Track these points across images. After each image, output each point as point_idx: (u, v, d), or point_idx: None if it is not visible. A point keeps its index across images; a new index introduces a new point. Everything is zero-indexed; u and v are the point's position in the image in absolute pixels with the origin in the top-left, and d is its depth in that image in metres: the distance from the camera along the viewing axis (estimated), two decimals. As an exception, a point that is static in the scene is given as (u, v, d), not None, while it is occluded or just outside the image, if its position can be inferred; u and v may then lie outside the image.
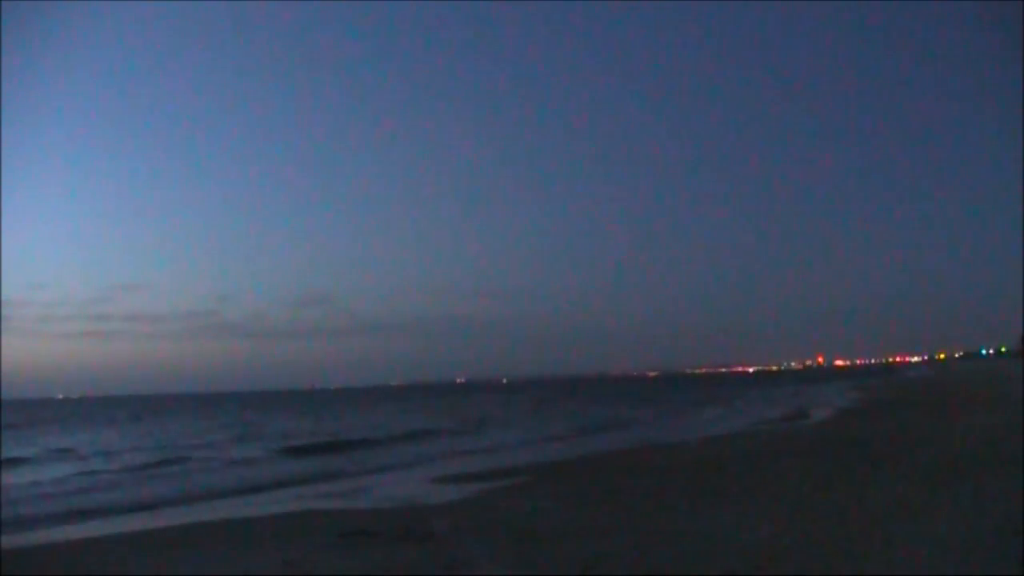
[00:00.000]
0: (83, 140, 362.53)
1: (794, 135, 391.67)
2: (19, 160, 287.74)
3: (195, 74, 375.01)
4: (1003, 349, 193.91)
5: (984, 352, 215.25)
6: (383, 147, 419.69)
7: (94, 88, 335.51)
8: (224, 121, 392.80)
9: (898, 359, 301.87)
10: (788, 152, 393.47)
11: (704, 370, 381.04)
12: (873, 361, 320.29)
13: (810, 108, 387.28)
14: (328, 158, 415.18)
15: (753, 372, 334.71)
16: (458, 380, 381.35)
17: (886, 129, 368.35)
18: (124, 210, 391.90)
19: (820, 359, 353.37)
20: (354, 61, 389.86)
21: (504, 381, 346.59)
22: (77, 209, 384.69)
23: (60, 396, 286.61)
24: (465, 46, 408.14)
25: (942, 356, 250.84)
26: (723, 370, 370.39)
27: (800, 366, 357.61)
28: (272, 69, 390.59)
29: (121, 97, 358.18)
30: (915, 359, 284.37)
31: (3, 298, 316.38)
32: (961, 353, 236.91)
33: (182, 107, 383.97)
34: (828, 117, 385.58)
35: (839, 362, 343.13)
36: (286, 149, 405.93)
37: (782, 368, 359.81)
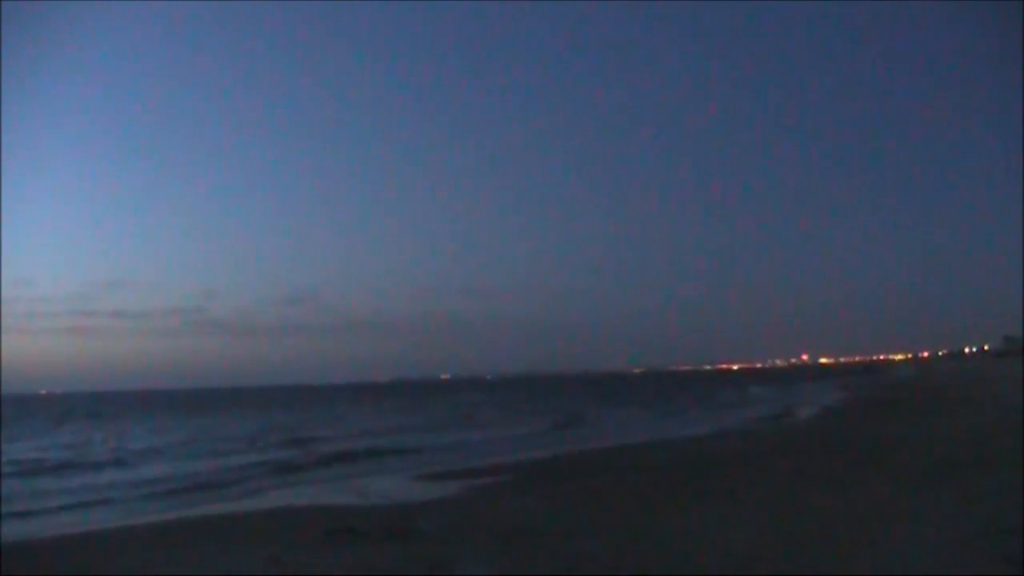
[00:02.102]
0: (68, 136, 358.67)
1: (777, 131, 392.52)
2: (2, 156, 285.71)
3: (181, 71, 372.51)
4: (986, 348, 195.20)
5: (968, 351, 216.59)
6: (369, 146, 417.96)
7: (78, 85, 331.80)
8: (211, 118, 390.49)
9: (883, 357, 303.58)
10: (772, 149, 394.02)
11: (689, 367, 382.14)
12: (858, 359, 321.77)
13: (792, 103, 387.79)
14: (314, 156, 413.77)
15: (738, 369, 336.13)
16: (443, 377, 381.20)
17: (871, 125, 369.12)
18: (109, 206, 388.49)
19: (805, 357, 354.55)
20: (341, 60, 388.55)
21: (488, 378, 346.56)
22: (62, 205, 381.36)
23: (43, 392, 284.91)
24: (452, 48, 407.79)
25: (926, 355, 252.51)
26: (708, 367, 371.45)
27: (785, 364, 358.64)
28: (259, 66, 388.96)
29: (106, 94, 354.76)
30: (899, 357, 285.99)
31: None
32: (945, 351, 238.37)
33: (168, 104, 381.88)
34: (811, 112, 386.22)
35: (824, 360, 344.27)
36: (272, 146, 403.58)
37: (767, 366, 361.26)
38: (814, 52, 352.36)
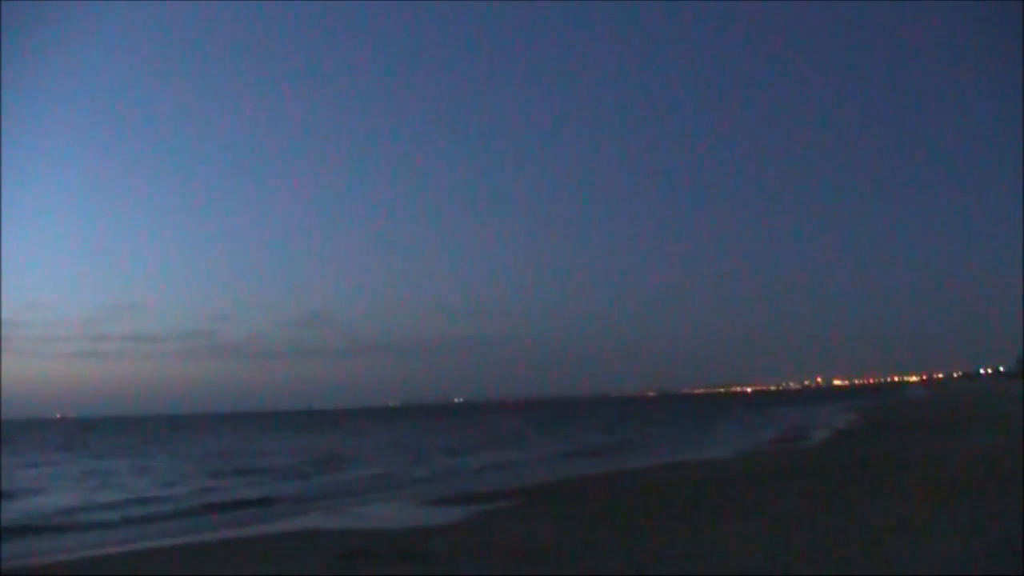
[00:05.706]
0: (81, 160, 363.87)
1: (790, 153, 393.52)
2: (17, 179, 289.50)
3: (193, 95, 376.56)
4: (1001, 369, 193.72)
5: (982, 372, 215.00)
6: (381, 169, 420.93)
7: (92, 108, 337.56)
8: (222, 142, 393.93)
9: (897, 379, 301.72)
10: (788, 172, 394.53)
11: (703, 390, 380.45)
12: (872, 381, 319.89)
13: (804, 127, 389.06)
14: (326, 180, 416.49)
15: (752, 392, 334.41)
16: (456, 400, 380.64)
17: (883, 147, 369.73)
18: (122, 230, 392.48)
19: (819, 379, 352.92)
20: (351, 82, 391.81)
21: (505, 401, 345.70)
22: (75, 229, 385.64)
23: (57, 415, 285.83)
24: (465, 67, 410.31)
25: (940, 376, 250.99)
26: (721, 390, 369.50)
27: (799, 386, 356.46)
28: (268, 90, 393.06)
29: (119, 118, 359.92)
30: (914, 378, 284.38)
31: (1, 318, 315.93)
32: (959, 373, 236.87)
33: (180, 128, 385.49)
34: (822, 136, 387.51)
35: (838, 382, 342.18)
36: (283, 170, 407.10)
37: (781, 388, 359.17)
38: (836, 77, 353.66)
